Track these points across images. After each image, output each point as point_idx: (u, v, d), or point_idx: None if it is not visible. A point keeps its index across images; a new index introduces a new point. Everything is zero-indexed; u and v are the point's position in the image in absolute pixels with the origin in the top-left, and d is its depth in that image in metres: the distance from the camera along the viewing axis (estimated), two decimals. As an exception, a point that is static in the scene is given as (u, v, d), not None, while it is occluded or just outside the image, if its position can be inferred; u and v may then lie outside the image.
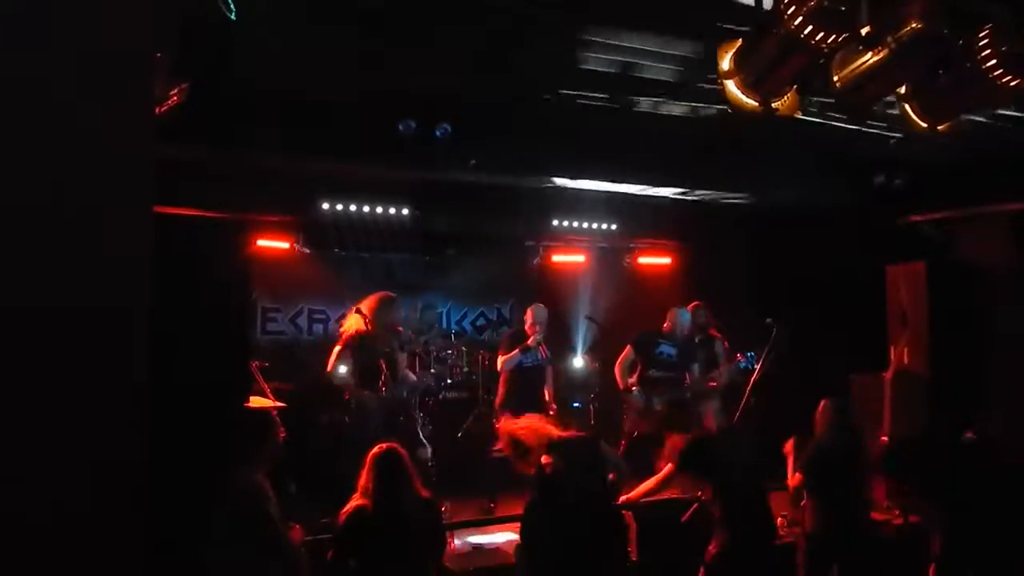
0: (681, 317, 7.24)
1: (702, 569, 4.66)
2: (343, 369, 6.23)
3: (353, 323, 6.36)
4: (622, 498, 5.18)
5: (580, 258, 9.21)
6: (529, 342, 6.90)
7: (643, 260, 9.39)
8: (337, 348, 6.30)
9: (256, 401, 5.56)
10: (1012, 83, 3.88)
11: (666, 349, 7.19)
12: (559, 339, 7.97)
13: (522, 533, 2.84)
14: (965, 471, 4.13)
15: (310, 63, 4.69)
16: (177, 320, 4.43)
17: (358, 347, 6.24)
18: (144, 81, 2.34)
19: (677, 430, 5.19)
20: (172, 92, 3.85)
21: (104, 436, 2.32)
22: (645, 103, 5.25)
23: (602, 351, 8.21)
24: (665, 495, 5.86)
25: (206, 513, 4.00)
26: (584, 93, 5.17)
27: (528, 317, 7.07)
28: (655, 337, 7.25)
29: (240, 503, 3.98)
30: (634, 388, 7.07)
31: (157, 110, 3.86)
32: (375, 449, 4.14)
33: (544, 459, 4.04)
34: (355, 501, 4.02)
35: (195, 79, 4.04)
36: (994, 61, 3.84)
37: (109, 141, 2.18)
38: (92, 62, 2.20)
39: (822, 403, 5.17)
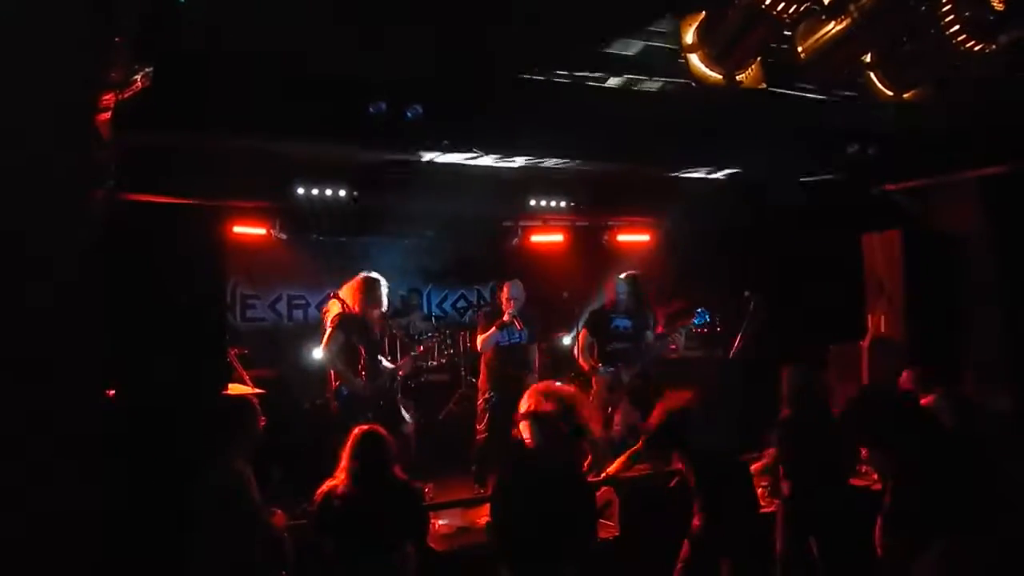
0: (618, 286, 7.27)
1: (687, 543, 4.70)
2: (333, 353, 6.19)
3: (339, 306, 6.30)
4: (602, 474, 5.23)
5: (559, 237, 9.22)
6: (504, 317, 6.85)
7: (622, 238, 9.40)
8: (329, 331, 6.25)
9: (235, 388, 5.56)
10: (976, 48, 3.91)
11: (621, 322, 7.20)
12: (541, 319, 7.98)
13: (493, 510, 2.82)
14: (915, 427, 4.16)
15: (281, 44, 4.65)
16: (153, 309, 4.44)
17: (348, 330, 6.21)
18: (89, 61, 2.31)
19: (645, 402, 5.22)
20: (135, 77, 3.81)
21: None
22: (615, 80, 5.24)
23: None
24: (646, 470, 5.93)
25: (187, 501, 4.01)
26: (555, 71, 5.16)
27: (504, 292, 7.03)
28: (607, 314, 7.28)
29: (221, 490, 3.99)
30: (599, 366, 7.09)
31: (122, 95, 3.84)
32: (356, 430, 4.15)
33: (524, 432, 4.05)
34: (330, 481, 4.03)
35: (159, 63, 4.00)
36: (957, 27, 3.86)
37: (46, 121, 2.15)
38: (31, 42, 2.17)
39: (784, 373, 5.22)
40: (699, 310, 7.07)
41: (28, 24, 2.24)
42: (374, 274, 6.46)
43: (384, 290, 6.42)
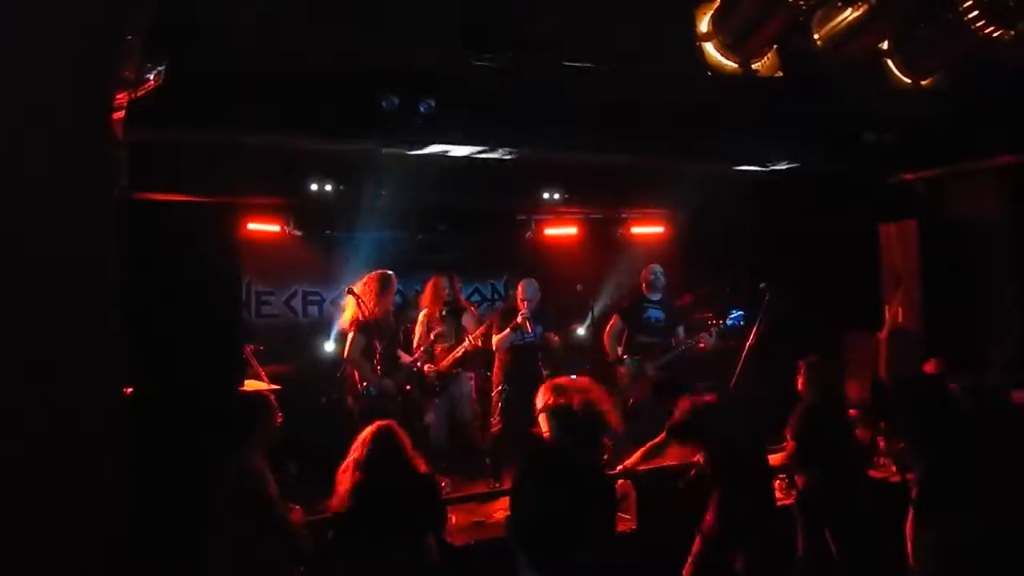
0: (655, 273, 7.24)
1: (698, 538, 4.68)
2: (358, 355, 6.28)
3: (355, 303, 6.35)
4: (619, 467, 5.21)
5: (573, 230, 9.18)
6: (519, 319, 6.88)
7: (636, 230, 9.35)
8: (351, 335, 6.31)
9: (251, 384, 5.57)
10: (995, 34, 3.85)
11: (654, 313, 7.21)
12: (554, 312, 7.96)
13: (512, 506, 2.79)
14: (943, 416, 4.13)
15: (293, 40, 4.65)
16: (169, 306, 4.45)
17: (368, 331, 6.25)
18: (104, 56, 2.30)
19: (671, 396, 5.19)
20: (148, 76, 3.81)
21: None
22: (629, 70, 5.20)
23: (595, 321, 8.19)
24: (664, 462, 5.90)
25: (205, 497, 4.02)
26: (570, 61, 5.14)
27: (519, 293, 7.06)
28: (641, 302, 7.26)
29: (238, 486, 3.99)
30: (625, 356, 7.08)
31: (135, 94, 3.84)
32: (371, 426, 4.13)
33: (543, 426, 4.04)
34: (350, 478, 4.02)
35: (173, 61, 4.00)
36: (976, 12, 3.80)
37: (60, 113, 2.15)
38: (45, 36, 2.16)
39: (799, 366, 5.19)
40: (734, 311, 6.99)
41: (40, 22, 2.24)
42: (388, 271, 6.53)
43: (395, 288, 6.50)
